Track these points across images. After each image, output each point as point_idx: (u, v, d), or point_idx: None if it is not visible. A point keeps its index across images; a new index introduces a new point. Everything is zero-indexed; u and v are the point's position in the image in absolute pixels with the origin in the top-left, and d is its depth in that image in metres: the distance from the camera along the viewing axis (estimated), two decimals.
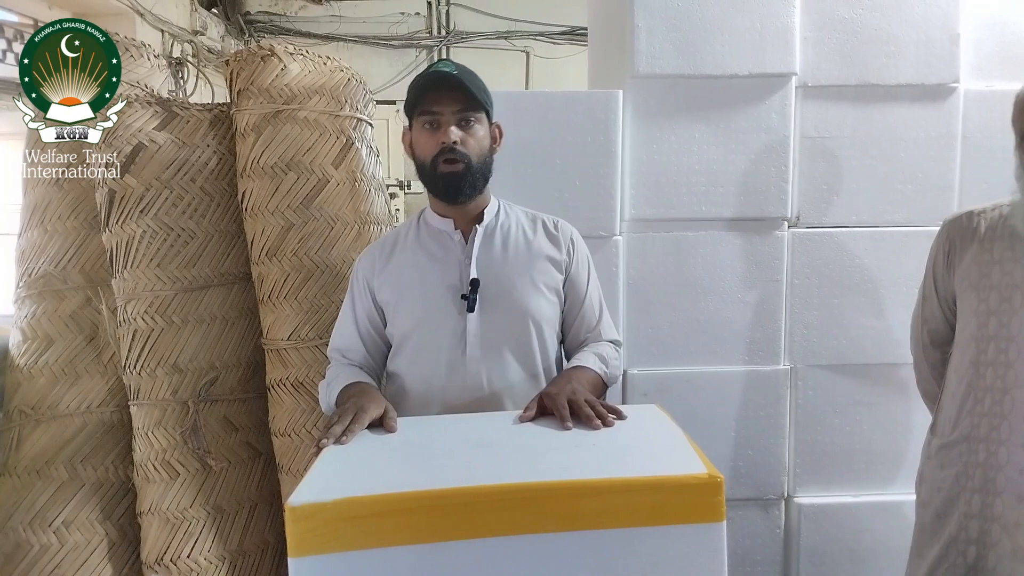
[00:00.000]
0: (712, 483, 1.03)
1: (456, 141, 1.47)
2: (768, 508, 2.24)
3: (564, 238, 1.63)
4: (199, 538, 1.92)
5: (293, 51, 2.03)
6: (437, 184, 1.52)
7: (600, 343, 1.63)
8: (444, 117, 1.48)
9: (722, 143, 2.15)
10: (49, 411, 1.98)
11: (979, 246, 1.62)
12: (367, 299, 1.61)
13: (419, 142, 1.51)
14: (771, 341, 2.20)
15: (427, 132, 1.49)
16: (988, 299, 1.59)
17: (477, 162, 1.51)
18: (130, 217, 1.93)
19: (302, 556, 0.98)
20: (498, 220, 1.60)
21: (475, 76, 1.52)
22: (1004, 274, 1.57)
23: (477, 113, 1.51)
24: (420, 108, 1.49)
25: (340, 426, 1.27)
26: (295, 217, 1.95)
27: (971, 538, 1.58)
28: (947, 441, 1.65)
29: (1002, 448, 1.55)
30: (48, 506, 1.92)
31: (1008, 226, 1.59)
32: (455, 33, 6.71)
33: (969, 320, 1.63)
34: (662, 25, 2.10)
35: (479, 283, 1.51)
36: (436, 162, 1.49)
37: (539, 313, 1.56)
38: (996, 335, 1.57)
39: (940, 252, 1.70)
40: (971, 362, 1.61)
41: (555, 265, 1.60)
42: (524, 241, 1.59)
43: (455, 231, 1.57)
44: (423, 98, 1.48)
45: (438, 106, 1.47)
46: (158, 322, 1.93)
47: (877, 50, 2.16)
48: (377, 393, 1.45)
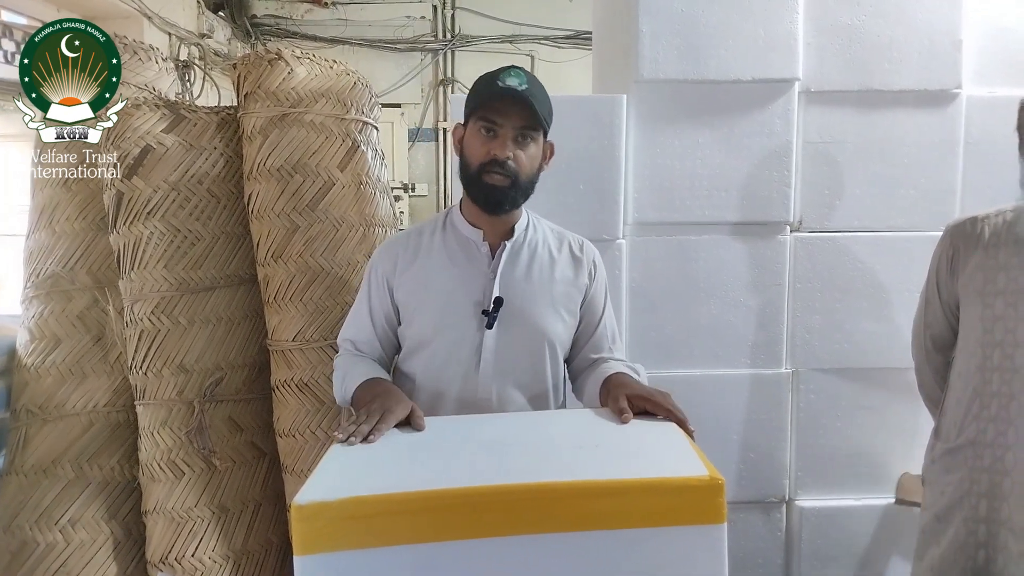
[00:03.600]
0: (713, 485, 1.04)
1: (509, 156, 1.45)
2: (769, 511, 2.25)
3: (587, 261, 1.62)
4: (203, 537, 1.93)
5: (300, 55, 2.04)
6: (479, 192, 1.49)
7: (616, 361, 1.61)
8: (503, 129, 1.45)
9: (725, 148, 2.16)
10: (56, 410, 1.99)
11: (984, 252, 1.62)
12: (385, 296, 1.59)
13: (472, 144, 1.48)
14: (773, 345, 2.21)
15: (482, 138, 1.46)
16: (994, 305, 1.59)
17: (524, 179, 1.48)
18: (137, 219, 1.94)
19: (308, 555, 0.99)
20: (526, 236, 1.58)
21: (544, 93, 1.49)
22: (1010, 280, 1.58)
23: (535, 132, 1.48)
24: (481, 113, 1.46)
25: (368, 425, 1.26)
26: (301, 219, 1.96)
27: (980, 542, 1.59)
28: (952, 446, 1.66)
29: (1009, 453, 1.56)
30: (54, 505, 1.93)
31: (1013, 232, 1.59)
32: (460, 37, 6.73)
33: (974, 326, 1.63)
34: (666, 30, 2.11)
35: (502, 302, 1.50)
36: (483, 170, 1.46)
37: (555, 335, 1.56)
38: (1002, 341, 1.58)
39: (943, 257, 1.71)
40: (977, 367, 1.62)
41: (576, 288, 1.59)
42: (549, 261, 1.58)
43: (483, 243, 1.55)
44: (487, 105, 1.45)
45: (501, 117, 1.44)
46: (164, 323, 1.94)
47: (880, 56, 2.17)
48: (401, 393, 1.44)
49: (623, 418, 1.33)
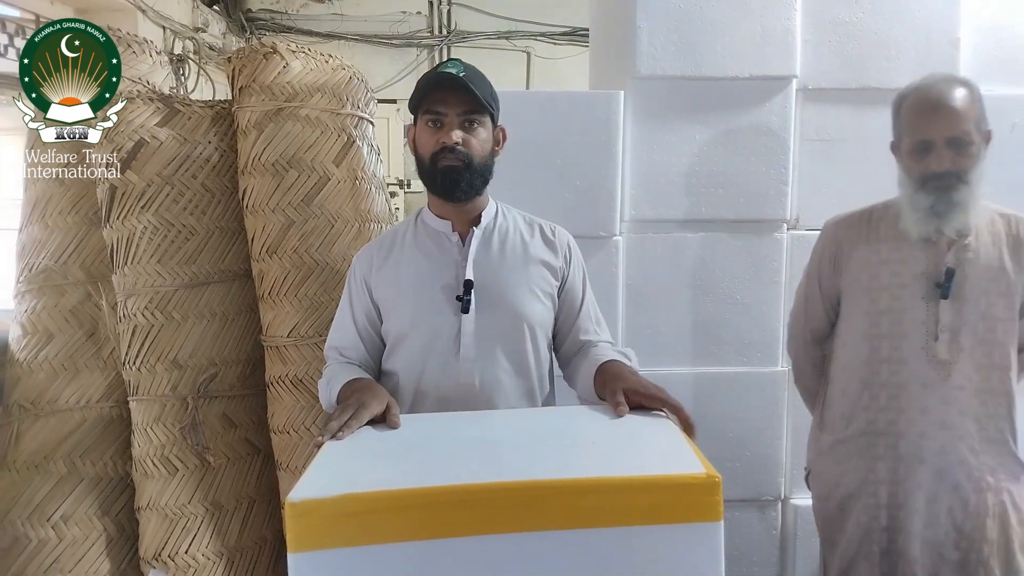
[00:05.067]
0: (710, 482, 1.03)
1: (458, 142, 1.48)
2: (765, 509, 2.25)
3: (561, 244, 1.63)
4: (197, 534, 1.92)
5: (295, 49, 2.03)
6: (435, 179, 1.51)
7: (605, 343, 1.62)
8: (448, 118, 1.48)
9: (722, 145, 2.16)
10: (48, 406, 1.98)
11: (867, 247, 1.70)
12: (364, 297, 1.60)
13: (421, 139, 1.52)
14: (769, 342, 2.21)
15: (430, 130, 1.50)
16: (879, 300, 1.67)
17: (478, 162, 1.51)
18: (131, 213, 1.93)
19: (301, 552, 0.99)
20: (496, 222, 1.60)
21: (483, 78, 1.52)
22: (893, 275, 1.66)
23: (481, 116, 1.51)
24: (425, 106, 1.49)
25: (337, 422, 1.26)
26: (296, 214, 1.95)
27: (882, 527, 1.68)
28: (841, 437, 1.74)
29: (901, 440, 1.65)
30: (47, 501, 1.92)
31: (895, 227, 1.66)
32: (456, 32, 6.72)
33: (859, 320, 1.70)
34: (664, 27, 2.11)
35: (473, 284, 1.51)
36: (436, 158, 1.49)
37: (533, 316, 1.56)
38: (889, 333, 1.66)
39: (826, 253, 1.77)
40: (864, 360, 1.69)
41: (551, 271, 1.60)
42: (521, 244, 1.59)
43: (452, 232, 1.57)
44: (429, 97, 1.48)
45: (443, 106, 1.48)
46: (158, 318, 1.93)
47: (877, 53, 2.17)
48: (380, 388, 1.44)
49: (618, 411, 1.33)
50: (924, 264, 1.63)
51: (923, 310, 1.63)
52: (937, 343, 1.62)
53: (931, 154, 1.57)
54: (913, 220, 1.61)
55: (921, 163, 1.59)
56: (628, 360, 1.55)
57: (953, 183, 1.56)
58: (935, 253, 1.63)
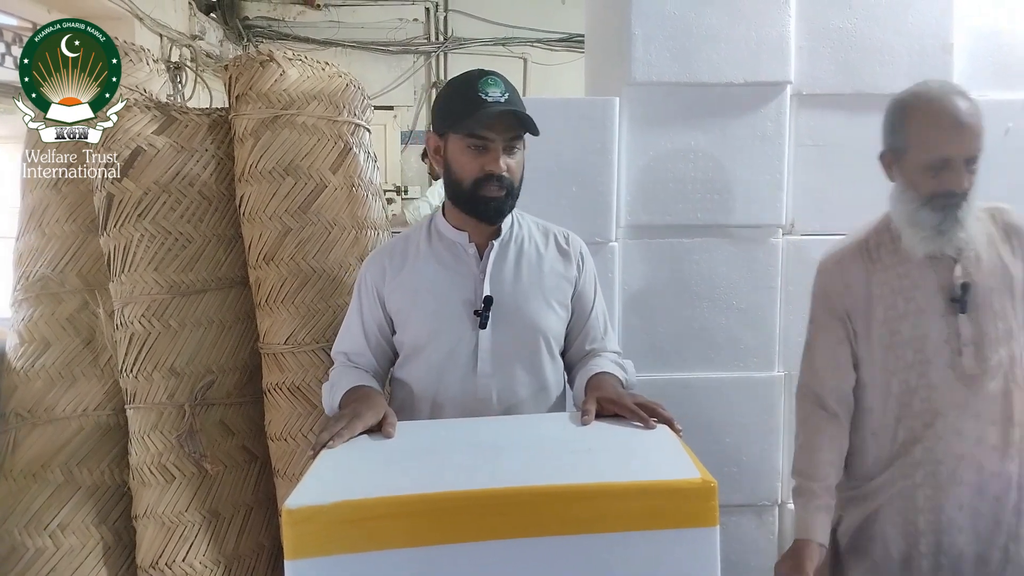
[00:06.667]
0: (705, 488, 1.04)
1: (504, 170, 1.46)
2: (762, 514, 2.25)
3: (575, 252, 1.63)
4: (194, 542, 1.92)
5: (292, 56, 2.04)
6: (476, 206, 1.49)
7: (609, 353, 1.63)
8: (494, 144, 1.45)
9: (718, 151, 2.16)
10: (45, 414, 1.98)
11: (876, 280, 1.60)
12: (376, 306, 1.59)
13: (461, 162, 1.47)
14: (765, 348, 2.21)
15: (472, 154, 1.45)
16: (900, 330, 1.58)
17: (517, 186, 1.51)
18: (128, 221, 1.93)
19: (299, 559, 0.99)
20: (512, 233, 1.59)
21: (518, 96, 1.49)
22: (907, 301, 1.58)
23: (522, 139, 1.49)
24: (468, 129, 1.44)
25: (327, 433, 1.26)
26: (293, 222, 1.96)
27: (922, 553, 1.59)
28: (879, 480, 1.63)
29: (941, 467, 1.56)
30: (44, 509, 1.91)
31: (900, 251, 1.58)
32: (453, 39, 6.74)
33: (880, 357, 1.61)
34: (659, 33, 2.12)
35: (492, 300, 1.50)
36: (480, 185, 1.46)
37: (549, 329, 1.57)
38: (915, 361, 1.57)
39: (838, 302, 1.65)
40: (895, 396, 1.60)
41: (566, 280, 1.60)
42: (536, 256, 1.59)
43: (469, 244, 1.56)
44: (473, 118, 1.43)
45: (491, 132, 1.44)
46: (155, 325, 1.93)
47: (871, 59, 2.17)
48: (378, 398, 1.44)
49: (582, 419, 1.34)
50: (935, 282, 1.57)
51: (943, 329, 1.56)
52: (962, 358, 1.54)
53: (948, 172, 1.49)
54: (918, 239, 1.54)
55: (934, 180, 1.50)
56: (624, 372, 1.55)
57: (960, 201, 1.50)
58: (943, 268, 1.56)
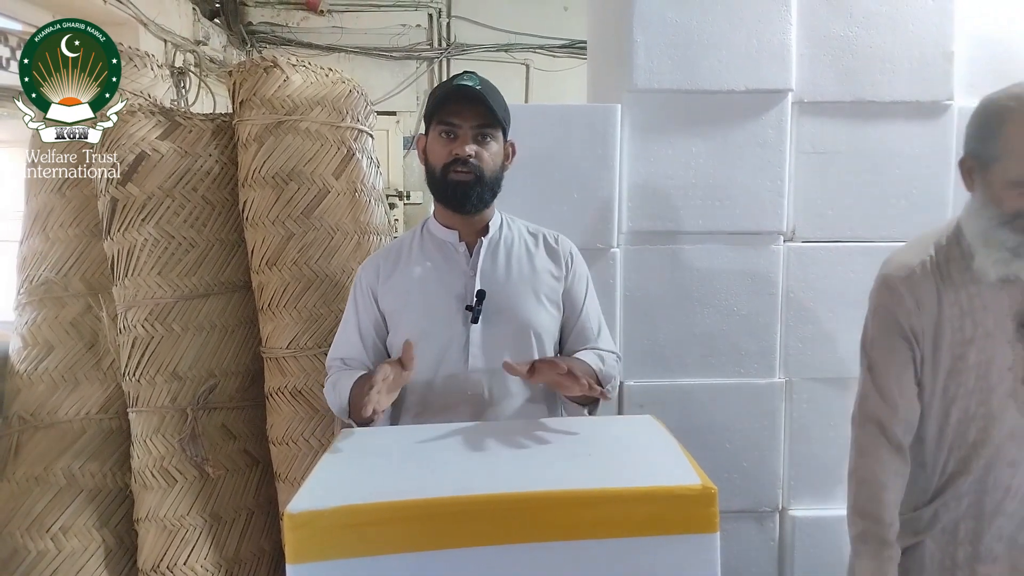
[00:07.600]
0: (706, 494, 1.04)
1: (471, 155, 1.50)
2: (762, 521, 2.25)
3: (563, 252, 1.66)
4: (196, 545, 1.92)
5: (295, 62, 2.05)
6: (446, 191, 1.54)
7: (600, 350, 1.64)
8: (462, 130, 1.51)
9: (719, 157, 2.17)
10: (48, 417, 1.98)
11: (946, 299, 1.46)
12: (371, 306, 1.61)
13: (433, 149, 1.54)
14: (766, 354, 2.21)
15: (442, 141, 1.52)
16: (966, 355, 1.46)
17: (488, 176, 1.53)
18: (132, 225, 1.94)
19: (300, 563, 0.99)
20: (501, 233, 1.63)
21: (497, 93, 1.55)
22: (976, 325, 1.45)
23: (494, 130, 1.53)
24: (439, 117, 1.52)
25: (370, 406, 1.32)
26: (296, 227, 1.97)
27: None
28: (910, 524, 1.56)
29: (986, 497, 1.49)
30: (46, 512, 1.92)
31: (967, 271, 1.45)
32: (456, 45, 6.75)
33: (939, 383, 1.50)
34: (661, 41, 2.13)
35: (485, 295, 1.52)
36: (447, 170, 1.52)
37: (540, 325, 1.58)
38: (976, 388, 1.47)
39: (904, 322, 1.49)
40: (952, 424, 1.49)
41: (555, 277, 1.62)
42: (527, 254, 1.62)
43: (459, 242, 1.59)
44: (443, 108, 1.51)
45: (458, 118, 1.50)
46: (158, 329, 1.94)
47: (872, 67, 2.18)
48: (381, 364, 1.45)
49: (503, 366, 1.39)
50: (1006, 307, 1.44)
51: (1008, 355, 1.44)
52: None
53: None
54: (993, 260, 1.41)
55: (1021, 198, 1.36)
56: (601, 363, 1.58)
57: None
58: (1017, 292, 1.44)
